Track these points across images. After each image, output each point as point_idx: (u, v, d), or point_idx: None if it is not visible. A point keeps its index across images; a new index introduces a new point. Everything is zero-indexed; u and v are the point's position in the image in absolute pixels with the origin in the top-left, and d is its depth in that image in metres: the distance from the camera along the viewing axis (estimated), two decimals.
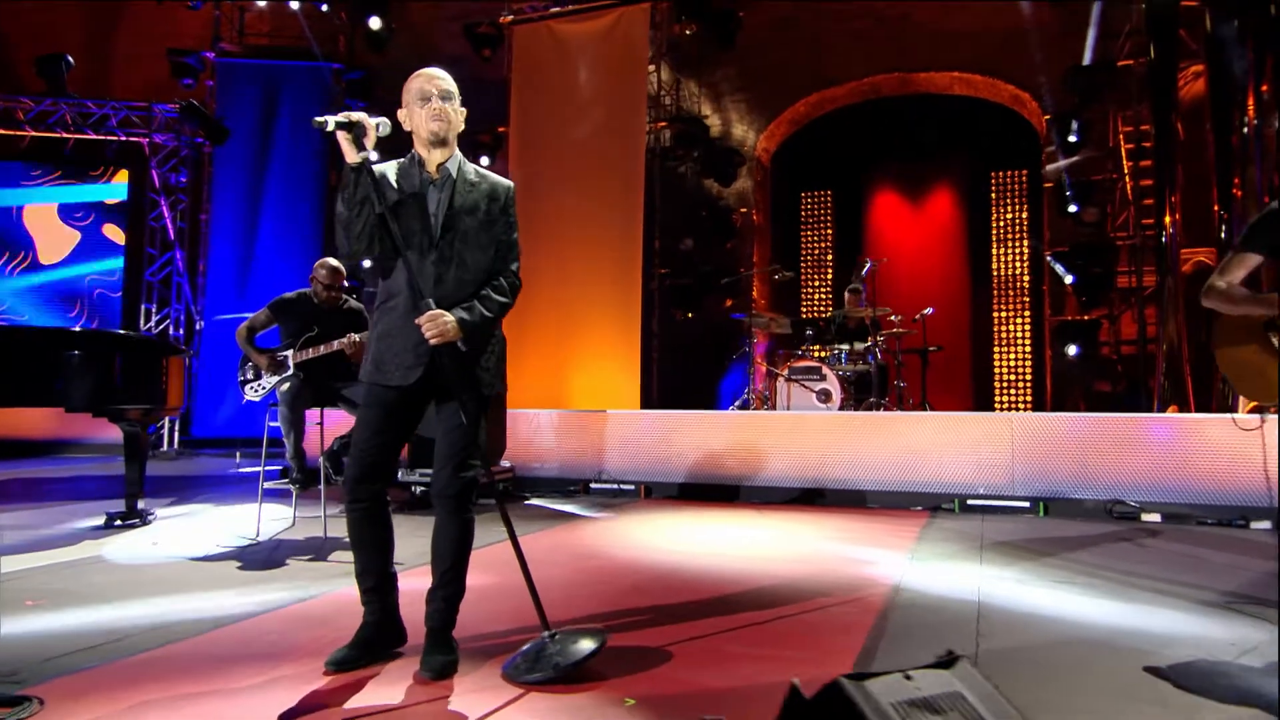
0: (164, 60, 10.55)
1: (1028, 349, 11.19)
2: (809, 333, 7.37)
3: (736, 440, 6.19)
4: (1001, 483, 5.58)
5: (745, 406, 7.31)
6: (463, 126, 2.67)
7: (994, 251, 11.46)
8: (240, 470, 8.58)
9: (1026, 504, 5.47)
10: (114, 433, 5.34)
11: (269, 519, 5.13)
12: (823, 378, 6.78)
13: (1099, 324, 9.05)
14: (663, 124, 9.87)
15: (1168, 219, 7.94)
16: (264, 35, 11.28)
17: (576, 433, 6.65)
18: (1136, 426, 5.45)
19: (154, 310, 10.82)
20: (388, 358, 2.56)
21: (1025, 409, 10.86)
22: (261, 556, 4.29)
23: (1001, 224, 11.47)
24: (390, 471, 2.66)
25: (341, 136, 2.43)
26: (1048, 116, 9.41)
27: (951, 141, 11.26)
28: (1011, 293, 11.36)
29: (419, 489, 6.24)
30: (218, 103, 10.44)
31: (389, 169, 2.62)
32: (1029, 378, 11.17)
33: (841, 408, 6.73)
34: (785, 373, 6.92)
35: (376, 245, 2.51)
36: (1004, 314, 11.37)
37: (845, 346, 7.18)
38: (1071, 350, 8.91)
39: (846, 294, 7.62)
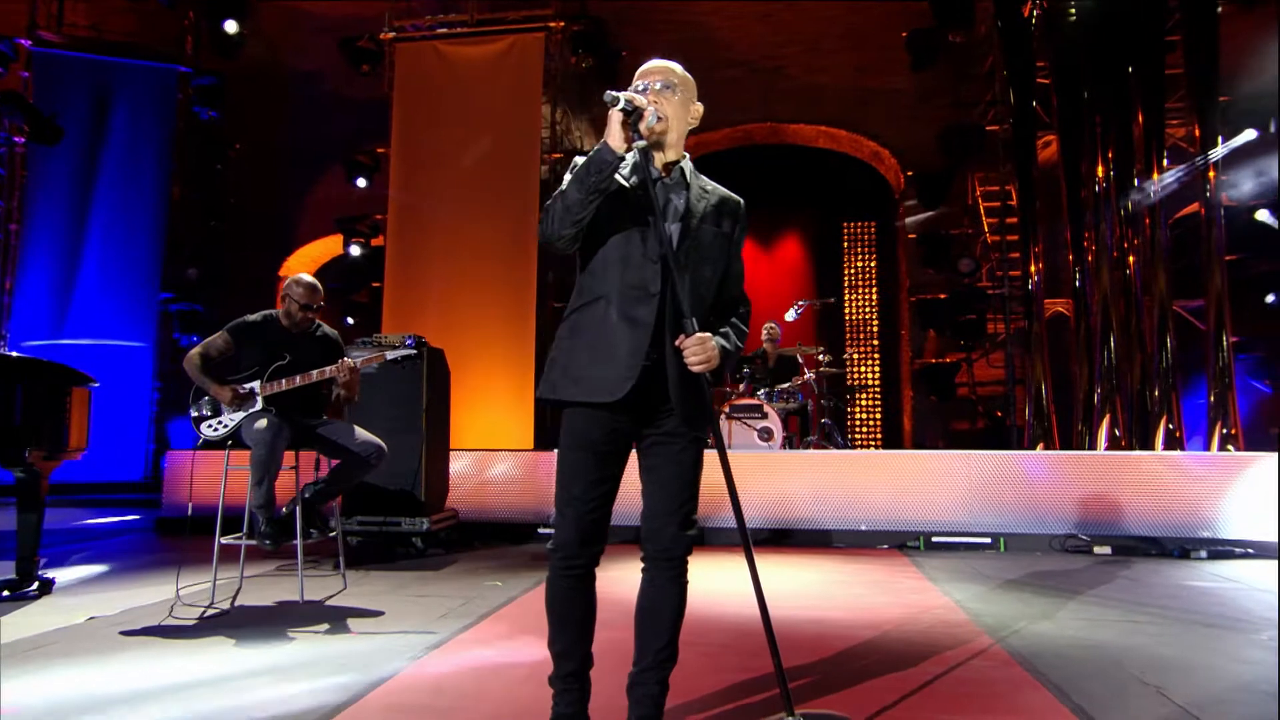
0: None
1: (879, 390, 11.90)
2: (745, 370, 7.38)
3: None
4: (962, 520, 5.80)
5: None
6: (694, 123, 2.33)
7: (845, 297, 12.14)
8: (101, 521, 7.29)
9: (988, 540, 5.72)
10: None
11: (195, 583, 4.37)
12: (764, 415, 6.79)
13: (958, 366, 9.79)
14: (557, 155, 9.62)
15: (1033, 268, 8.78)
16: (84, 28, 9.86)
17: (522, 474, 6.21)
18: (1082, 464, 5.87)
19: None
20: (589, 369, 2.16)
21: (877, 447, 11.50)
22: (255, 631, 3.58)
23: (852, 271, 12.21)
24: (608, 528, 2.22)
25: (618, 117, 2.08)
26: (910, 173, 10.17)
27: (808, 191, 11.86)
28: (863, 336, 12.06)
29: (355, 539, 5.55)
30: (35, 99, 8.92)
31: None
32: (879, 417, 11.85)
33: (782, 446, 6.76)
34: (727, 410, 6.86)
35: (580, 240, 2.19)
36: (855, 356, 12.04)
37: (780, 385, 7.25)
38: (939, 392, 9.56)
39: (769, 334, 7.72)
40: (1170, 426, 8.05)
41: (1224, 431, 8.00)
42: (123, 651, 3.23)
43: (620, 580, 4.66)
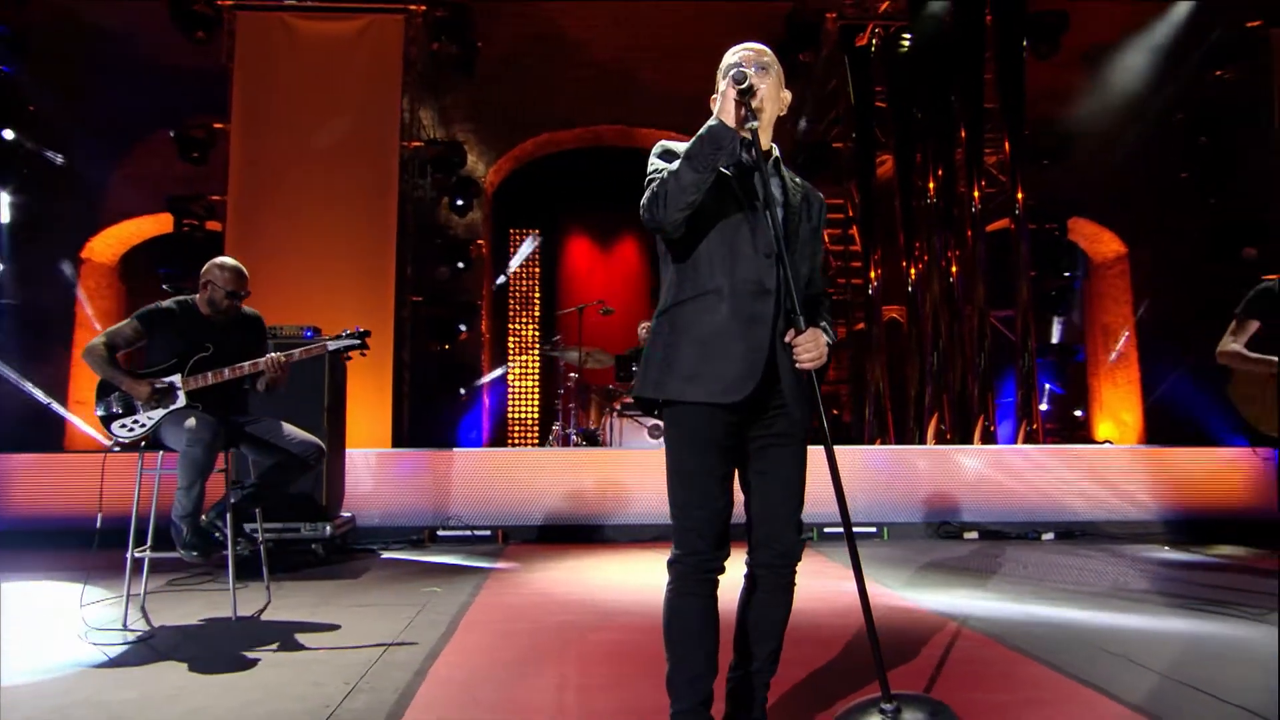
0: None
1: None
2: (634, 368, 7.41)
3: (598, 478, 6.03)
4: (854, 511, 6.17)
5: (567, 443, 7.10)
6: (783, 111, 2.28)
7: None
8: None
9: (874, 529, 6.14)
10: None
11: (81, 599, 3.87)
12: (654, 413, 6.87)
13: None
14: (417, 144, 9.21)
15: (872, 274, 9.50)
16: None
17: (418, 474, 5.93)
18: (945, 457, 6.44)
19: None
20: (704, 366, 2.06)
21: None
22: (204, 653, 3.21)
23: None
24: None
25: (733, 93, 2.02)
26: None
27: None
28: None
29: (246, 549, 5.05)
30: None
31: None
32: None
33: None
34: (618, 408, 6.88)
35: (684, 226, 2.08)
36: None
37: None
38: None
39: (643, 331, 7.79)
40: (986, 423, 9.01)
41: (1029, 428, 9.06)
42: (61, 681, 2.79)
43: (614, 580, 4.62)
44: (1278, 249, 9.82)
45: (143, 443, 3.73)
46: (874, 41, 9.74)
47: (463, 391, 9.81)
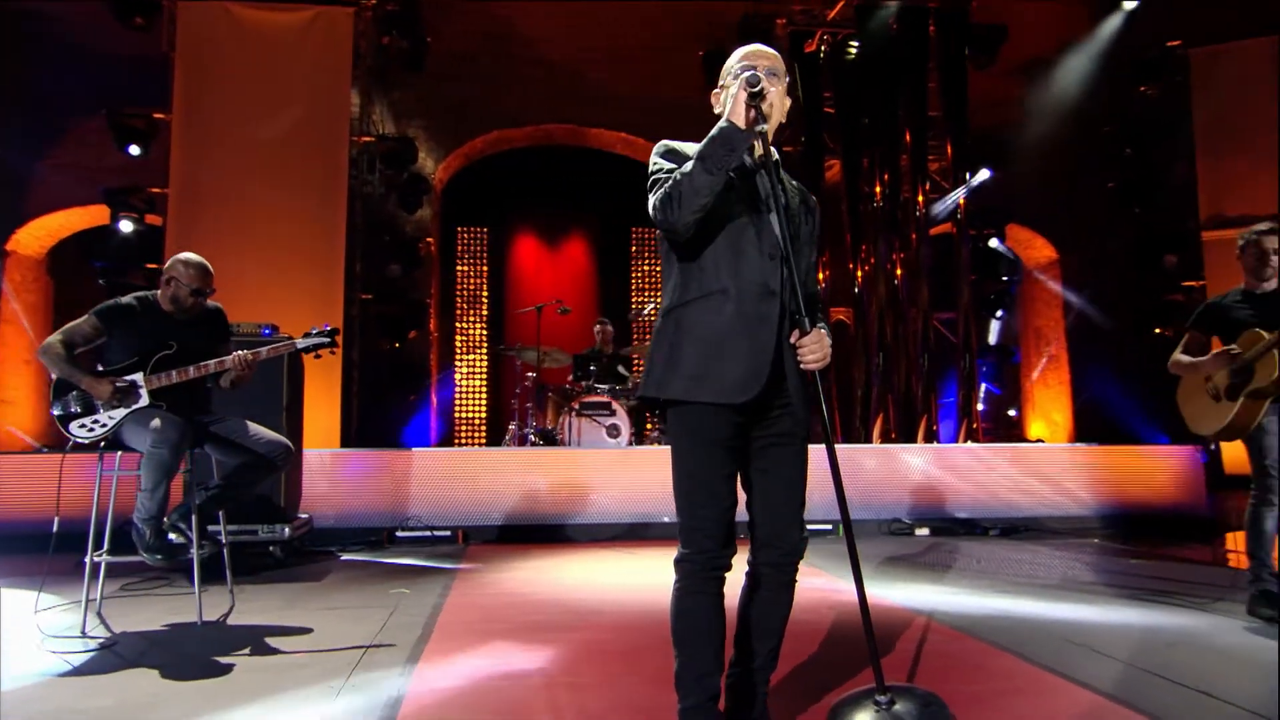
0: None
1: None
2: (592, 368, 7.40)
3: (559, 478, 6.02)
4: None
5: (524, 443, 7.06)
6: (782, 118, 2.26)
7: (632, 300, 12.55)
8: None
9: (829, 527, 6.25)
10: None
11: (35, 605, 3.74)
12: (612, 413, 6.90)
13: None
14: (367, 139, 9.05)
15: (820, 276, 9.65)
16: None
17: (376, 475, 5.84)
18: (893, 456, 6.60)
19: None
20: (712, 366, 2.09)
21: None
22: (181, 661, 3.13)
23: (638, 275, 12.65)
24: None
25: (744, 95, 2.03)
26: None
27: (602, 195, 12.09)
28: (650, 338, 12.53)
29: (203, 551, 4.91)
30: None
31: (696, 149, 2.17)
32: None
33: (629, 442, 6.91)
34: (576, 408, 6.87)
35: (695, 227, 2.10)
36: (641, 358, 12.47)
37: (610, 384, 7.38)
38: None
39: (605, 330, 7.78)
40: (930, 423, 9.27)
41: (970, 427, 9.36)
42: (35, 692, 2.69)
43: (583, 580, 4.65)
44: (1196, 258, 10.33)
45: (102, 443, 3.61)
46: (823, 48, 9.93)
47: (412, 398, 9.71)
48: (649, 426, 7.51)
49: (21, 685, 2.78)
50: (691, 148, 2.24)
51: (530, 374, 7.36)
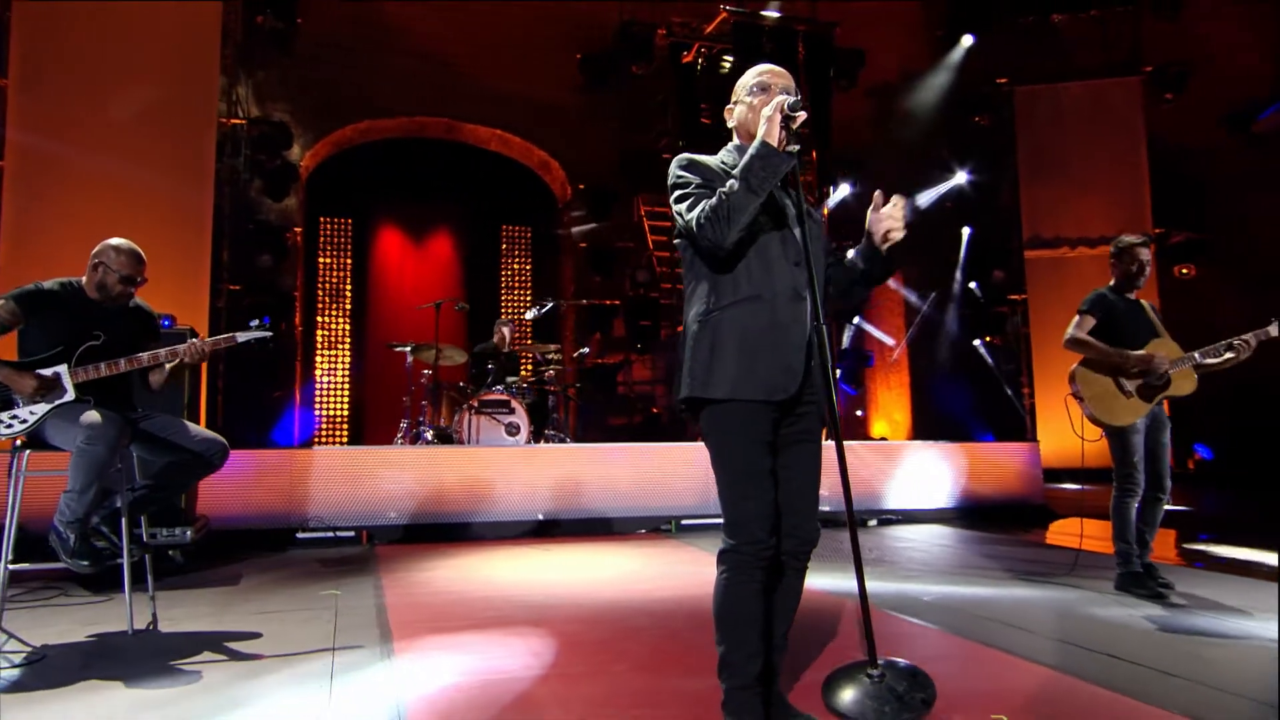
0: None
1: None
2: (490, 366, 7.31)
3: (462, 476, 5.98)
4: (699, 504, 6.48)
5: (417, 441, 6.92)
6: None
7: (501, 298, 12.47)
8: None
9: (720, 520, 6.51)
10: None
11: None
12: (511, 410, 6.88)
13: (620, 367, 10.77)
14: (236, 121, 8.56)
15: None
16: None
17: (272, 474, 5.59)
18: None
19: None
20: (753, 366, 2.22)
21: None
22: (139, 673, 2.97)
23: (508, 273, 12.58)
24: None
25: (778, 117, 2.19)
26: (581, 186, 10.90)
27: (471, 190, 11.95)
28: (519, 335, 12.49)
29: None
30: None
31: (714, 161, 2.38)
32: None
33: (528, 440, 6.93)
34: (475, 405, 6.80)
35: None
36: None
37: (512, 379, 7.37)
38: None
39: (505, 330, 7.71)
40: None
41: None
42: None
43: (517, 577, 4.64)
44: (1019, 274, 11.52)
45: (18, 441, 3.33)
46: (699, 61, 10.30)
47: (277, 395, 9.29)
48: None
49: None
50: (709, 160, 2.41)
51: (425, 371, 7.23)
